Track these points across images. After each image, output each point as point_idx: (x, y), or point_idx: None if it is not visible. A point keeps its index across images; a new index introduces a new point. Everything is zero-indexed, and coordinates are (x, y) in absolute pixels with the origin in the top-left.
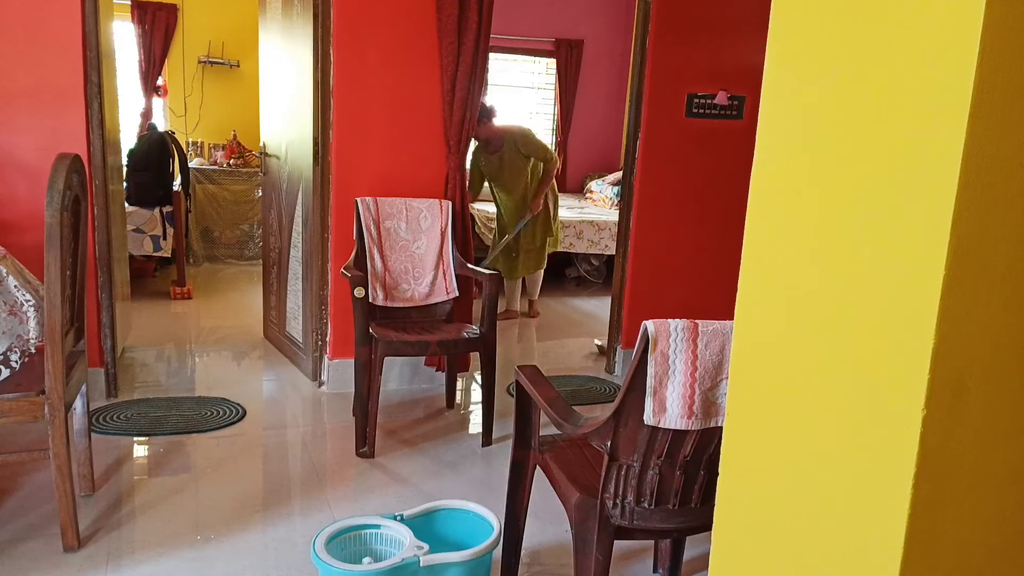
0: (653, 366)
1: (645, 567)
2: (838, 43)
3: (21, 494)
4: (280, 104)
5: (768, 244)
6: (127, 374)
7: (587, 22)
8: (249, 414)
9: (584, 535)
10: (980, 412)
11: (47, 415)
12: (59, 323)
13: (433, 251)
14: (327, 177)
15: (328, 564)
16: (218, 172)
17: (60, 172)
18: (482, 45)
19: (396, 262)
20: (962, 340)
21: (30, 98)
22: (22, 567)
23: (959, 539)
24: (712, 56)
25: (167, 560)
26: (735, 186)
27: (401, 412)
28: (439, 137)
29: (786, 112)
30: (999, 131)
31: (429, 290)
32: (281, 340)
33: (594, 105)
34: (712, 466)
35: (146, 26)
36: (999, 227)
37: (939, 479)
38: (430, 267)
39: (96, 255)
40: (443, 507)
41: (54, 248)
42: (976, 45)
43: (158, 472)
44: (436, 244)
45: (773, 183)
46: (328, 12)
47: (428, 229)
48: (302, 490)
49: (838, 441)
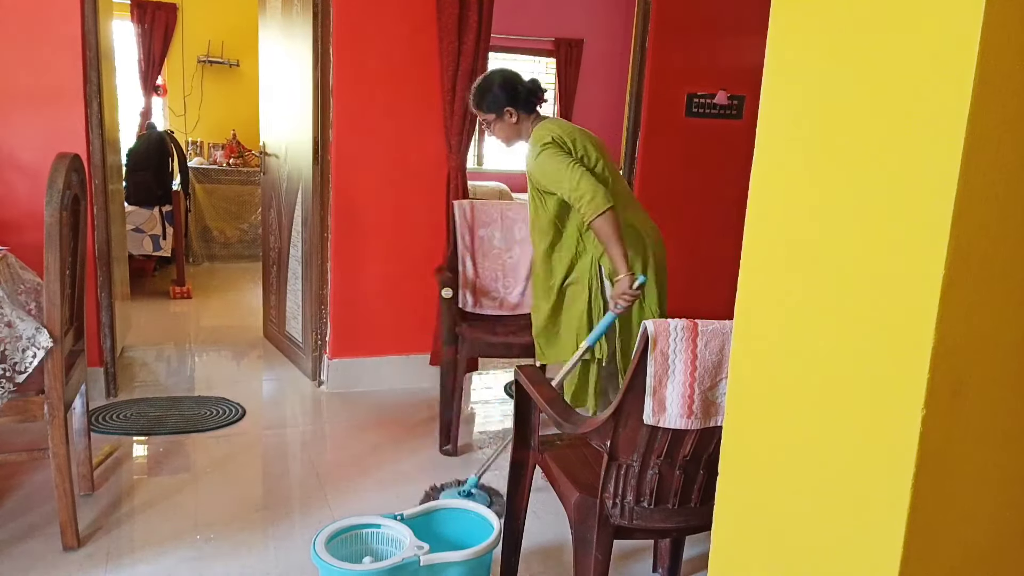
0: (653, 365)
1: (645, 567)
2: (838, 43)
3: (21, 494)
4: (280, 104)
5: (768, 244)
6: (126, 373)
7: (587, 22)
8: (249, 414)
9: (584, 534)
10: (980, 412)
11: (46, 414)
12: (59, 322)
13: (526, 261)
14: (327, 176)
15: (328, 564)
16: (218, 171)
17: (60, 171)
18: (482, 45)
19: (488, 270)
20: (962, 340)
21: (30, 97)
22: (22, 566)
23: (959, 539)
24: (712, 56)
25: (167, 559)
26: (735, 186)
27: (411, 410)
28: (440, 137)
29: (786, 112)
30: (999, 131)
31: (519, 300)
32: (281, 340)
33: (594, 105)
34: (711, 466)
35: (146, 25)
36: (999, 227)
37: (939, 479)
38: (522, 277)
39: (96, 254)
40: (443, 506)
41: (54, 247)
42: (976, 45)
43: (158, 472)
44: (529, 255)
45: (773, 183)
46: (328, 11)
47: (523, 240)
48: (302, 490)
49: (838, 441)
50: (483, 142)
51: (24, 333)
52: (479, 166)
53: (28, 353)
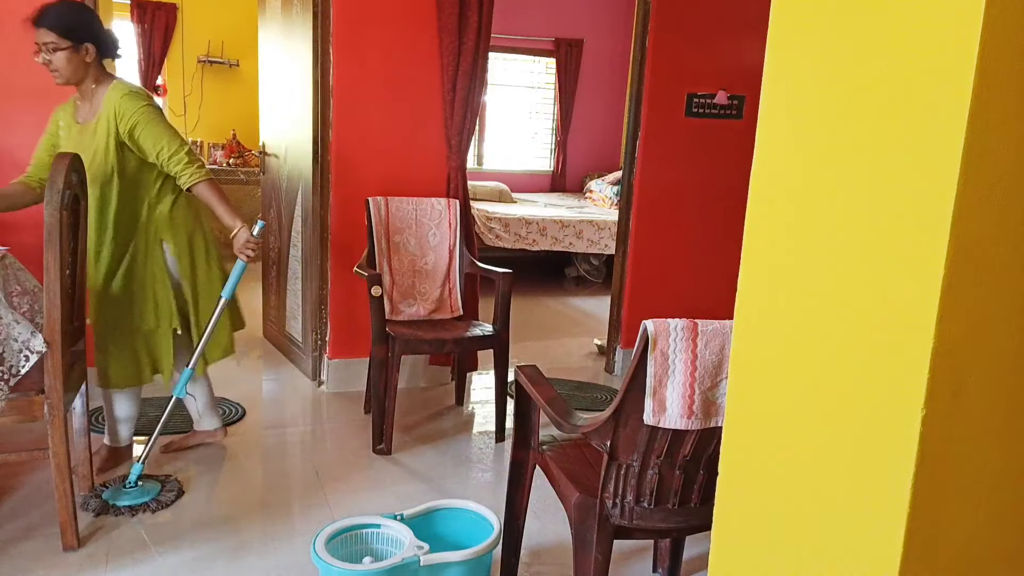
0: (653, 366)
1: (645, 567)
2: (838, 43)
3: (20, 494)
4: (280, 104)
5: (768, 244)
6: None
7: (587, 22)
8: (249, 413)
9: (584, 534)
10: (980, 412)
11: (46, 414)
12: (58, 322)
13: (442, 267)
14: (327, 177)
15: (328, 564)
16: (217, 172)
17: (59, 171)
18: (482, 45)
19: (403, 276)
20: (962, 340)
21: (29, 97)
22: (22, 566)
23: (958, 538)
24: (712, 56)
25: (167, 560)
26: (735, 186)
27: (411, 410)
28: (440, 137)
29: (786, 111)
30: (999, 131)
31: (435, 306)
32: (280, 340)
33: (594, 105)
34: (711, 466)
35: (145, 25)
36: (999, 227)
37: (939, 479)
38: (438, 283)
39: None
40: (443, 506)
41: (54, 247)
42: (976, 45)
43: (157, 471)
44: (444, 262)
45: (773, 183)
46: (328, 11)
47: (437, 246)
48: (302, 489)
49: (838, 441)
50: (483, 142)
51: (19, 337)
52: (479, 166)
53: (22, 356)
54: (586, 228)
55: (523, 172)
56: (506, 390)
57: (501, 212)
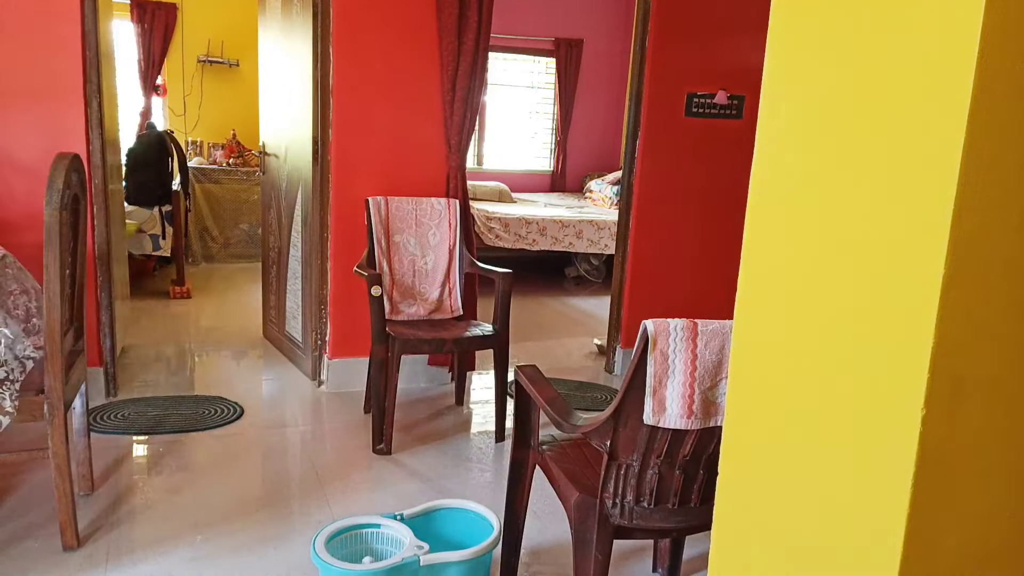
0: (653, 365)
1: (645, 567)
2: (838, 43)
3: (20, 493)
4: (279, 103)
5: (768, 244)
6: (126, 373)
7: (587, 22)
8: (248, 413)
9: (584, 534)
10: (980, 412)
11: (46, 414)
12: (58, 322)
13: (441, 269)
14: (327, 176)
15: (328, 563)
16: (217, 171)
17: (59, 171)
18: (482, 44)
19: (403, 276)
20: (962, 340)
21: (29, 97)
22: (21, 566)
23: (959, 539)
24: (712, 56)
25: (167, 559)
26: (735, 186)
27: (411, 410)
28: (440, 137)
29: (785, 112)
30: (999, 131)
31: (435, 306)
32: (280, 339)
33: (594, 104)
34: (711, 466)
35: (145, 25)
36: (999, 227)
37: (939, 479)
38: (438, 282)
39: (95, 254)
40: (443, 506)
41: (53, 247)
42: (976, 45)
43: (157, 471)
44: (444, 262)
45: (773, 183)
46: (328, 11)
47: (437, 246)
48: (301, 489)
49: (838, 441)
50: (483, 142)
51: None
52: (479, 166)
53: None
54: (586, 228)
55: (523, 172)
56: (506, 390)
57: (501, 212)
